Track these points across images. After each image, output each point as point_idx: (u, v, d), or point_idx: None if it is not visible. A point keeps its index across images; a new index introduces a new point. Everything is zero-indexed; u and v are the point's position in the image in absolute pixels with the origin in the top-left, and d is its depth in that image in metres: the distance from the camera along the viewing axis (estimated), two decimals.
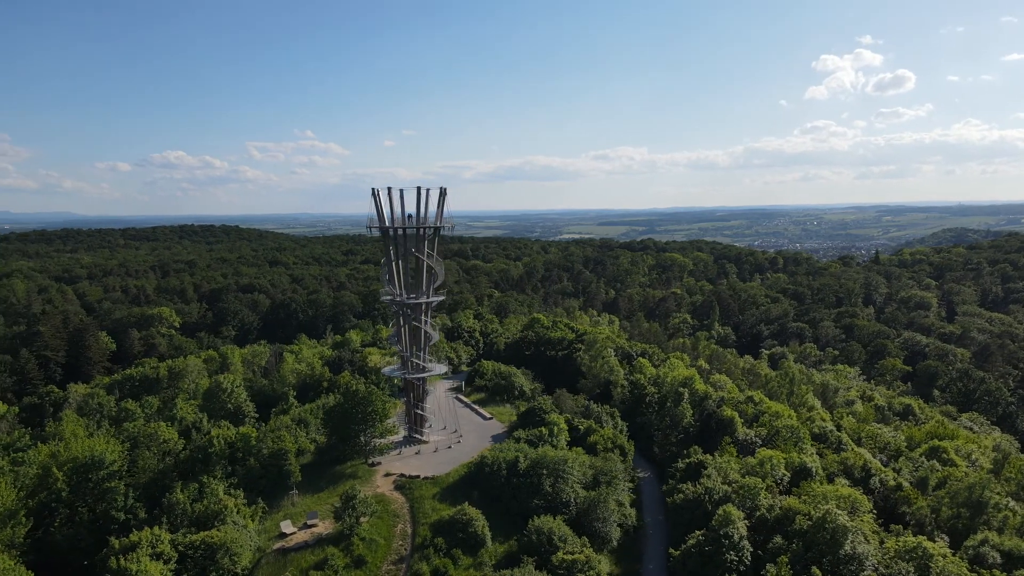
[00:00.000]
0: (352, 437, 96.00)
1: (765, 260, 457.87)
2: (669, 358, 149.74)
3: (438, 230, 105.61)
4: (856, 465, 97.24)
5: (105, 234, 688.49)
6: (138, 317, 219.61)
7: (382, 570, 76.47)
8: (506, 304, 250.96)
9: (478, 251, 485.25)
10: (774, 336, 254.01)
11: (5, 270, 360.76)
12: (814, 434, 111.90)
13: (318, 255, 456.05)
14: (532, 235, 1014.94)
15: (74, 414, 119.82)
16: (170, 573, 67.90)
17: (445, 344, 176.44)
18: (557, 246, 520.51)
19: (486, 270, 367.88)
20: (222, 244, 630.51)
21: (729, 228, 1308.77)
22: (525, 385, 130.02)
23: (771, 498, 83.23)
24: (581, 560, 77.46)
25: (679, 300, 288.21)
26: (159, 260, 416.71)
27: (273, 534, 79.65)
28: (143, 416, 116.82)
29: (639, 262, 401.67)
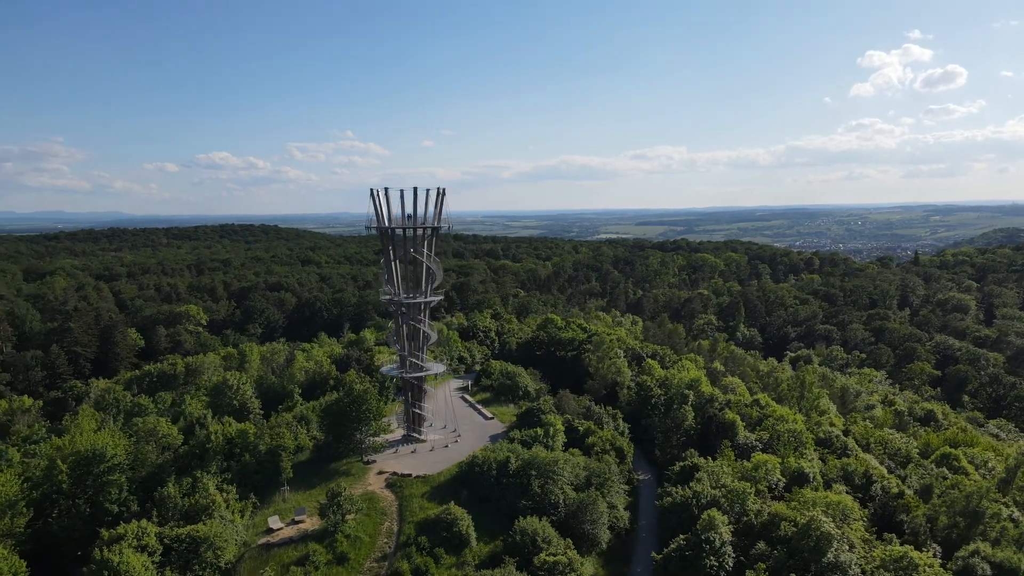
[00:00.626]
0: (347, 435, 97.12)
1: (800, 261, 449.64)
2: (680, 360, 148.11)
3: (436, 230, 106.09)
4: (857, 471, 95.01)
5: (149, 233, 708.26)
6: (167, 314, 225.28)
7: (364, 567, 77.26)
8: (528, 304, 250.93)
9: (509, 251, 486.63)
10: (801, 338, 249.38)
11: (49, 268, 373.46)
12: (819, 439, 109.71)
13: (350, 254, 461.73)
14: (569, 235, 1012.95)
15: (90, 408, 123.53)
16: (153, 565, 69.58)
17: (459, 343, 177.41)
18: (588, 246, 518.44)
19: (514, 270, 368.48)
20: (260, 243, 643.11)
21: (769, 228, 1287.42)
22: (530, 385, 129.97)
23: (759, 503, 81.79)
24: (563, 562, 77.19)
25: (705, 301, 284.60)
26: (197, 259, 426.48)
27: (261, 529, 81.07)
28: (155, 411, 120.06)
29: (669, 263, 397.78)
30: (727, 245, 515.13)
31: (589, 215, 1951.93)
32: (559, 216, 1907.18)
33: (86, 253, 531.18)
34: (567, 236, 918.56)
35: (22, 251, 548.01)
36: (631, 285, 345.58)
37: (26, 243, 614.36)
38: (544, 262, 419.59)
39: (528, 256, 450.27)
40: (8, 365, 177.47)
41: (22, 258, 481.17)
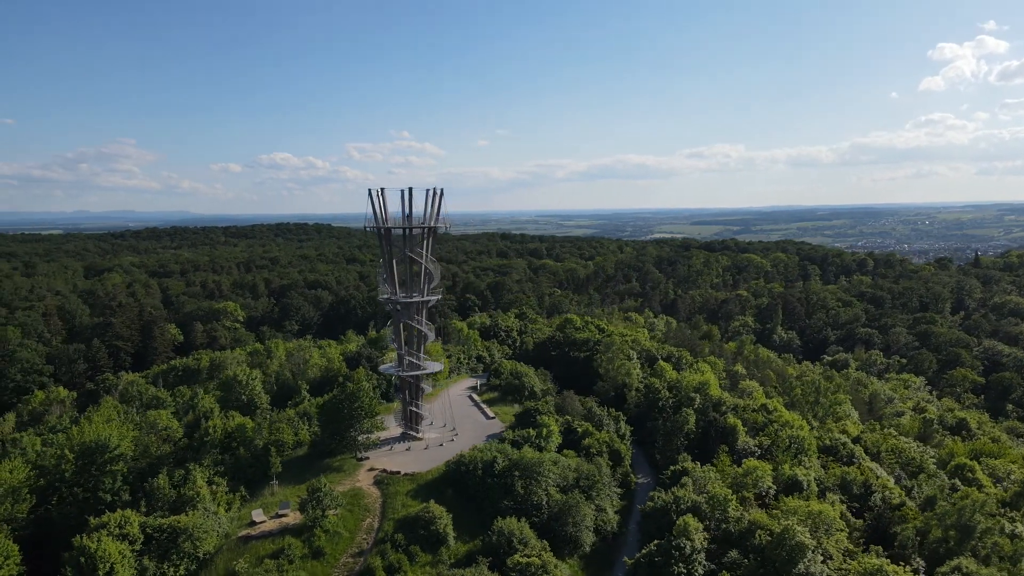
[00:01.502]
0: (340, 432, 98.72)
1: (853, 262, 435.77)
2: (697, 363, 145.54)
3: (433, 230, 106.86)
4: (856, 481, 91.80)
5: (209, 232, 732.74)
6: (206, 311, 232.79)
7: (340, 562, 78.56)
8: (560, 304, 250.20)
9: (553, 250, 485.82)
10: (841, 342, 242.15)
11: (108, 265, 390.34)
12: (824, 446, 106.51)
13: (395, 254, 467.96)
14: (622, 234, 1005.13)
15: (112, 400, 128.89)
16: (133, 554, 72.24)
17: (480, 342, 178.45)
18: (633, 246, 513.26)
19: (553, 269, 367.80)
20: (312, 242, 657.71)
21: (830, 228, 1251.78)
22: (536, 385, 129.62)
23: (740, 511, 79.91)
24: (536, 564, 76.91)
25: (743, 303, 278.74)
26: (248, 257, 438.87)
27: (244, 522, 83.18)
28: (172, 405, 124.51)
29: (713, 263, 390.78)
30: (777, 245, 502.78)
31: (644, 214, 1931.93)
32: (613, 216, 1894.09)
33: (148, 251, 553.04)
34: (620, 236, 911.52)
35: (89, 249, 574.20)
36: (671, 286, 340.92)
37: (94, 241, 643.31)
38: (586, 262, 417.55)
39: (571, 256, 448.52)
40: (54, 357, 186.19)
41: (88, 255, 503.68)
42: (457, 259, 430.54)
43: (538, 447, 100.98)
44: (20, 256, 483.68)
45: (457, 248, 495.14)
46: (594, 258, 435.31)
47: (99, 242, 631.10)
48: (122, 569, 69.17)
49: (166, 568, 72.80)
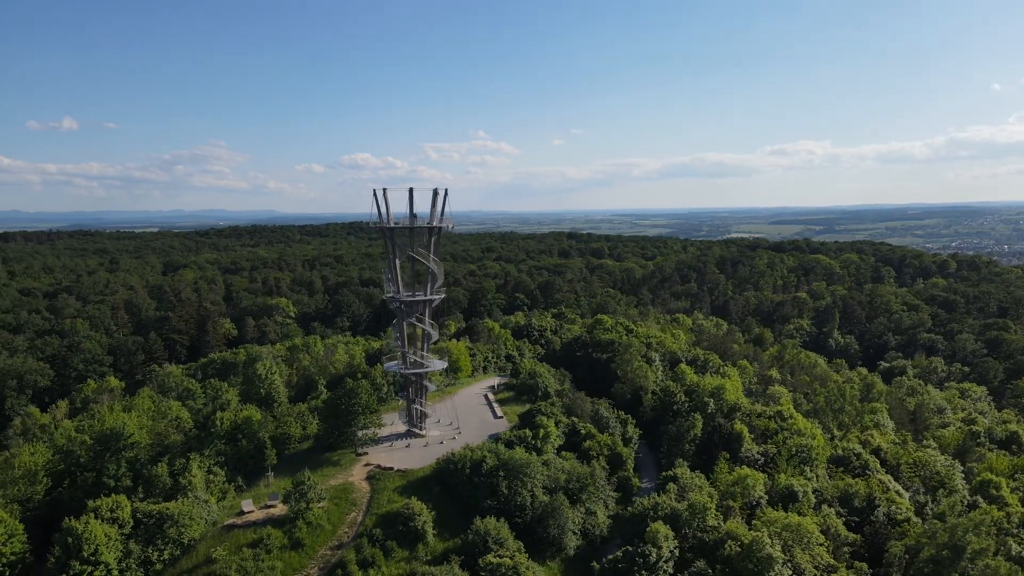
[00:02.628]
0: (340, 427, 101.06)
1: (933, 264, 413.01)
2: (725, 367, 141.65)
3: (436, 230, 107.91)
4: (859, 494, 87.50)
5: (286, 230, 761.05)
6: (260, 306, 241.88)
7: (318, 554, 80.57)
8: (606, 304, 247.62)
9: (615, 250, 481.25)
10: (901, 348, 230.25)
11: (184, 261, 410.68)
12: (836, 456, 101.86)
13: (458, 252, 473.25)
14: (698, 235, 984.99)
15: (149, 391, 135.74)
16: (121, 537, 76.25)
17: (511, 342, 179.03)
18: (697, 246, 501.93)
19: (610, 269, 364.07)
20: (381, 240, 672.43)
21: (921, 228, 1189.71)
22: (550, 386, 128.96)
23: (719, 519, 77.53)
24: (507, 564, 76.83)
25: (801, 305, 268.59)
26: (316, 255, 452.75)
27: (235, 511, 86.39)
28: (202, 396, 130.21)
29: (777, 264, 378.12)
30: (852, 246, 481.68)
31: (721, 214, 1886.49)
32: (690, 215, 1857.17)
33: (227, 248, 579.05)
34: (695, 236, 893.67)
35: (175, 246, 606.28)
36: (730, 287, 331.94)
37: (180, 239, 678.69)
38: (646, 262, 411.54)
39: (632, 256, 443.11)
40: (114, 349, 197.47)
41: (173, 252, 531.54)
42: (517, 258, 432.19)
43: (534, 448, 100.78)
44: (111, 252, 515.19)
45: (519, 247, 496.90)
46: (655, 258, 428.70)
47: (184, 240, 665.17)
48: (106, 551, 73.11)
49: (150, 552, 76.44)
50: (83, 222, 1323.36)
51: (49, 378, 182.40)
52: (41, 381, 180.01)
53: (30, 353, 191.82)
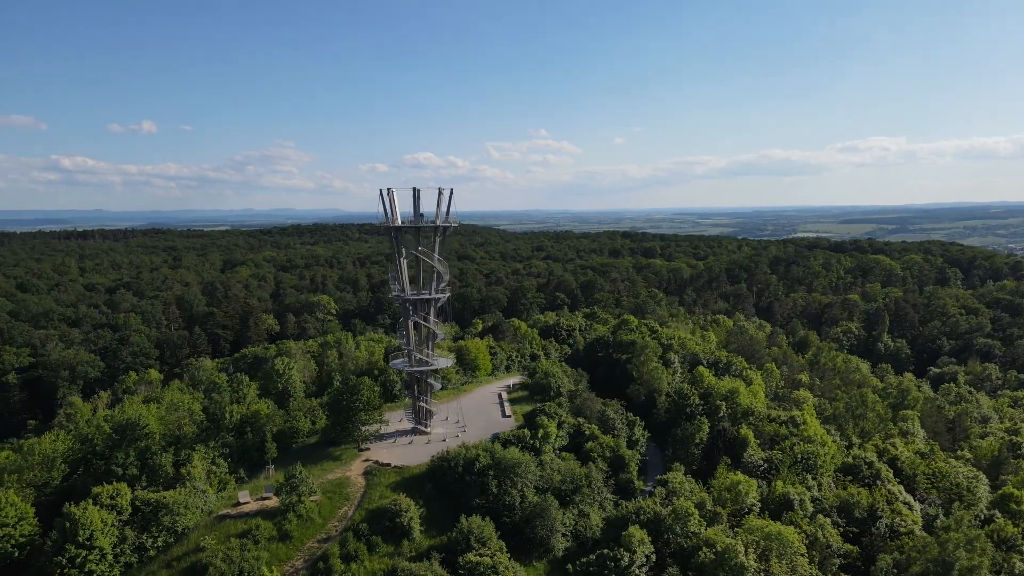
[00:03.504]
0: (342, 423, 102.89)
1: (1005, 265, 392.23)
2: (750, 370, 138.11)
3: (441, 229, 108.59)
4: (860, 504, 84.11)
5: (345, 229, 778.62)
6: (303, 303, 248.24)
7: (305, 547, 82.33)
8: (644, 305, 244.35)
9: (667, 249, 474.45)
10: (955, 353, 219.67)
11: (241, 259, 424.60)
12: (846, 465, 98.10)
13: (508, 251, 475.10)
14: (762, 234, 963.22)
15: (179, 383, 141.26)
16: (119, 523, 79.58)
17: (538, 341, 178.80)
18: (752, 246, 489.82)
19: (657, 269, 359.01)
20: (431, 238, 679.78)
21: (1004, 227, 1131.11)
22: (563, 386, 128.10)
23: (701, 526, 75.77)
24: (486, 564, 77.01)
25: (850, 307, 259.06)
26: (368, 253, 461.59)
27: (231, 502, 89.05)
28: (228, 390, 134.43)
29: (833, 265, 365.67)
30: (919, 246, 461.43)
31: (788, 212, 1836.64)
32: (754, 213, 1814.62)
33: (288, 246, 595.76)
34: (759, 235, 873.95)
35: (239, 244, 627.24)
36: (782, 288, 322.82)
37: (245, 237, 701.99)
38: (697, 262, 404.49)
39: (683, 255, 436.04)
40: (161, 342, 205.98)
41: (237, 250, 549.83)
42: (565, 257, 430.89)
43: (532, 448, 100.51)
44: (178, 250, 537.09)
45: (570, 247, 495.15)
46: (707, 258, 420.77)
47: (249, 238, 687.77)
48: (101, 536, 76.45)
49: (144, 539, 79.56)
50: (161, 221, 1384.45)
51: (99, 369, 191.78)
52: (92, 372, 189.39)
53: (83, 345, 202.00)
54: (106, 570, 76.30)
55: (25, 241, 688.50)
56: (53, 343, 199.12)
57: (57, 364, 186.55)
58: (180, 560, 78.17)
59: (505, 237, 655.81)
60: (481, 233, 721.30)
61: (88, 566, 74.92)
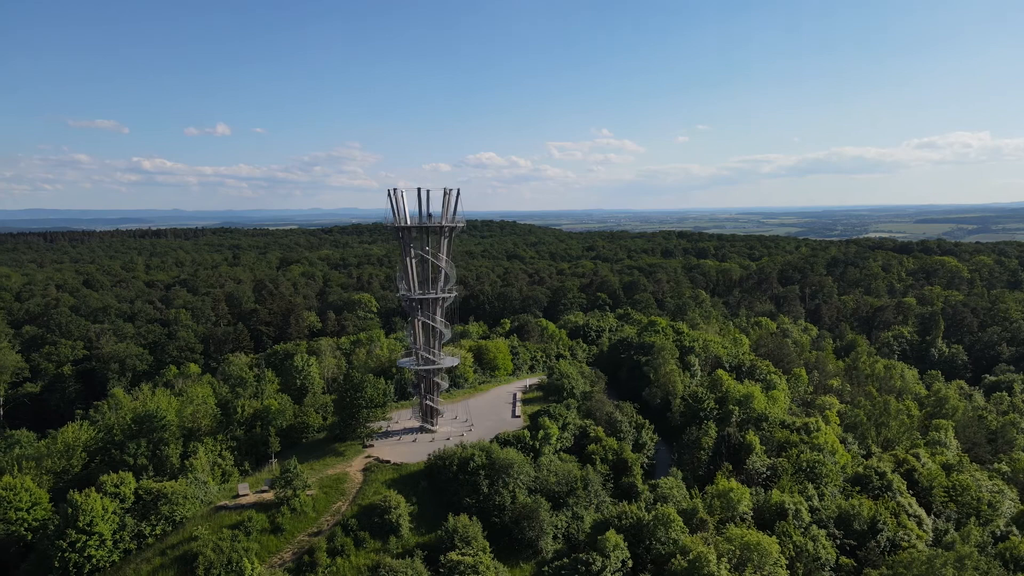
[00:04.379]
0: (348, 420, 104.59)
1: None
2: (772, 374, 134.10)
3: (447, 230, 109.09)
4: (861, 516, 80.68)
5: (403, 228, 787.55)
6: (345, 301, 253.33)
7: (296, 540, 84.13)
8: (684, 306, 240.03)
9: (721, 250, 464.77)
10: (1015, 360, 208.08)
11: (297, 257, 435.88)
12: (857, 475, 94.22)
13: (558, 251, 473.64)
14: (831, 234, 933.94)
15: (209, 377, 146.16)
16: (121, 511, 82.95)
17: (565, 340, 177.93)
18: (810, 246, 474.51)
19: (706, 270, 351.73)
20: (493, 238, 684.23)
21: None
22: (576, 387, 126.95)
23: (683, 532, 74.00)
24: (466, 563, 77.20)
25: (904, 311, 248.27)
26: None
27: (232, 494, 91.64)
28: (252, 384, 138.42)
29: (893, 267, 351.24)
30: (994, 247, 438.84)
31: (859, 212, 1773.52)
32: (824, 213, 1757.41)
33: (345, 245, 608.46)
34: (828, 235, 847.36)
35: (300, 243, 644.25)
36: (836, 289, 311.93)
37: (306, 236, 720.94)
38: (751, 262, 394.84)
39: (737, 256, 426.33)
40: (206, 338, 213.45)
41: (297, 249, 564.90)
42: (616, 257, 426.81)
43: (532, 449, 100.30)
44: (243, 248, 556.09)
45: (623, 247, 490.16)
46: (761, 259, 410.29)
47: (310, 236, 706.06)
48: (102, 522, 79.81)
49: (144, 527, 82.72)
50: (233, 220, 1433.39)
51: (147, 363, 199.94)
52: (140, 365, 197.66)
53: (134, 340, 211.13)
54: (105, 555, 79.65)
55: (103, 239, 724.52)
56: (106, 337, 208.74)
57: (108, 357, 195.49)
58: (174, 548, 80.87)
59: (560, 237, 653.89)
60: (536, 233, 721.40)
61: (88, 551, 78.32)
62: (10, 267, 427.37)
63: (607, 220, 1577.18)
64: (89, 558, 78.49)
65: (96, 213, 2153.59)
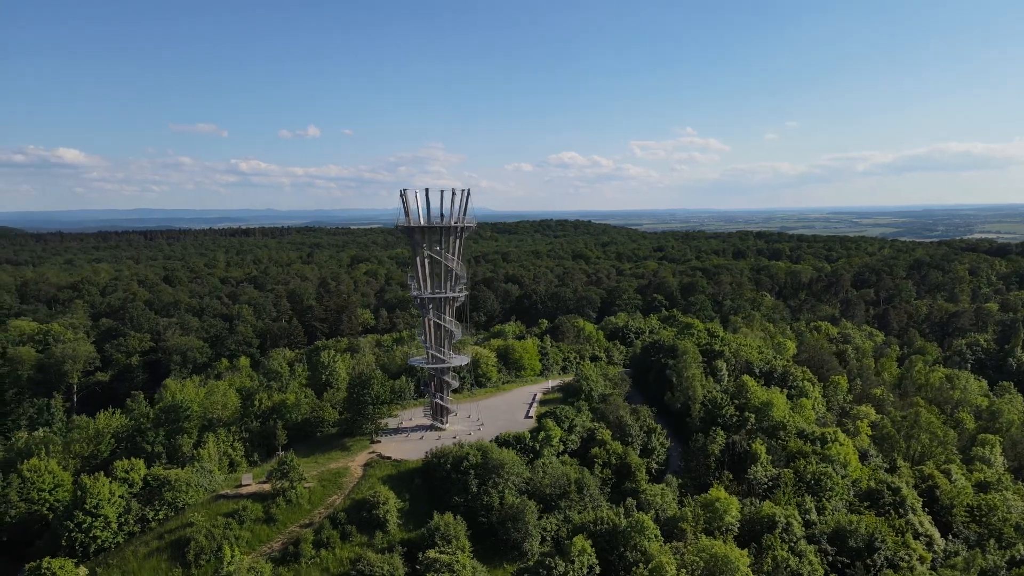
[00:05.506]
0: (356, 416, 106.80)
1: None
2: (804, 382, 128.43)
3: (458, 230, 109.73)
4: (858, 533, 76.33)
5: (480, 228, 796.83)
6: (399, 299, 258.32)
7: (287, 530, 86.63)
8: (739, 307, 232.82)
9: (796, 250, 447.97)
10: None
11: (367, 256, 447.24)
12: (868, 490, 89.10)
13: (627, 251, 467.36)
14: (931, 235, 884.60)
15: (247, 368, 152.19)
16: (129, 495, 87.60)
17: (603, 342, 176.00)
18: (893, 247, 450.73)
19: (774, 271, 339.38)
20: (567, 237, 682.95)
21: None
22: (595, 389, 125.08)
23: (655, 541, 71.95)
24: (442, 560, 77.72)
25: (983, 317, 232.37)
26: (486, 251, 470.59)
27: (236, 483, 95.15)
28: (286, 378, 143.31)
29: (981, 270, 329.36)
30: None
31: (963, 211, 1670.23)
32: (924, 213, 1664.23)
33: None
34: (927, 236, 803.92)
35: (376, 241, 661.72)
36: (914, 293, 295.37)
37: (384, 235, 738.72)
38: (826, 264, 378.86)
39: (812, 257, 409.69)
40: (262, 333, 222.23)
41: (373, 247, 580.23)
42: (683, 258, 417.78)
43: (531, 450, 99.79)
44: (322, 247, 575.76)
45: (693, 247, 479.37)
46: (838, 260, 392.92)
47: (388, 236, 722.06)
48: (107, 505, 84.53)
49: (147, 511, 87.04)
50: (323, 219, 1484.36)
51: (207, 356, 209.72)
52: (200, 358, 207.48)
53: (197, 333, 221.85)
54: (110, 536, 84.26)
55: (196, 237, 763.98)
56: (172, 330, 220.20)
57: (172, 349, 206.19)
58: (171, 533, 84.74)
59: (632, 237, 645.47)
60: (610, 232, 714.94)
61: (93, 531, 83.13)
62: (109, 263, 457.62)
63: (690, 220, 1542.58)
64: (95, 539, 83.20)
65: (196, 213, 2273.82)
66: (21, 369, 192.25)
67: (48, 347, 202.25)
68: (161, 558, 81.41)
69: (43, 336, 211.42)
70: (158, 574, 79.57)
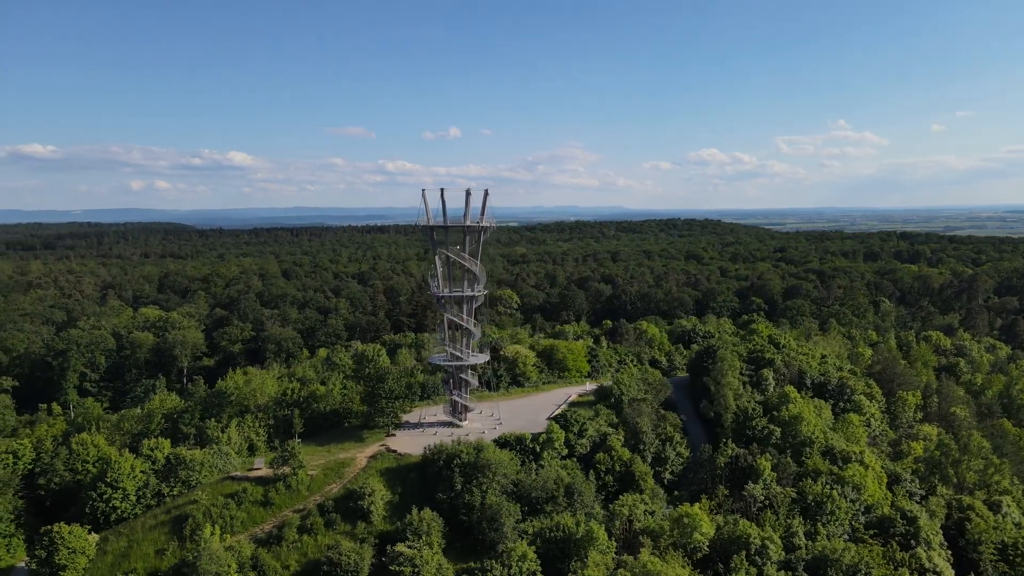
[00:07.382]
0: (371, 409, 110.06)
1: None
2: (856, 396, 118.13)
3: (476, 230, 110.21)
4: (842, 562, 69.64)
5: (602, 226, 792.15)
6: (491, 297, 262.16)
7: (281, 514, 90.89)
8: (837, 314, 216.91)
9: (940, 252, 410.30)
10: None
11: None
12: (882, 518, 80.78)
13: (744, 252, 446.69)
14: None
15: (312, 361, 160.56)
16: (149, 470, 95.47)
17: (667, 344, 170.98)
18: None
19: (898, 276, 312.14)
20: (691, 235, 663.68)
21: None
22: (626, 393, 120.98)
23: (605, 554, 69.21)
24: (406, 554, 78.90)
25: None
26: (597, 251, 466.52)
27: (249, 467, 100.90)
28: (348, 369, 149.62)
29: None
30: None
31: None
32: None
33: (538, 242, 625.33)
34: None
35: (500, 239, 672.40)
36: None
37: (508, 233, 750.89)
38: (970, 268, 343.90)
39: (955, 260, 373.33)
40: (352, 326, 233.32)
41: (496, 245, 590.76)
42: (803, 260, 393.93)
43: (531, 452, 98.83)
44: None
45: (817, 248, 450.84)
46: (984, 263, 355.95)
47: (512, 234, 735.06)
48: (128, 480, 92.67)
49: (163, 487, 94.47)
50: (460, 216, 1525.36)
51: (300, 346, 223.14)
52: (293, 348, 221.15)
53: (295, 325, 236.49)
54: (129, 508, 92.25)
55: (336, 234, 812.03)
56: (272, 321, 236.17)
57: (268, 339, 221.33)
58: (178, 508, 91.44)
59: (760, 238, 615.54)
60: (736, 232, 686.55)
61: (113, 502, 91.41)
62: (255, 257, 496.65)
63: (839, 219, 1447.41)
64: (114, 508, 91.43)
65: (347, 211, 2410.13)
66: (139, 352, 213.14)
67: (165, 333, 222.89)
68: (163, 531, 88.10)
69: (163, 323, 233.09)
70: (156, 545, 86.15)
